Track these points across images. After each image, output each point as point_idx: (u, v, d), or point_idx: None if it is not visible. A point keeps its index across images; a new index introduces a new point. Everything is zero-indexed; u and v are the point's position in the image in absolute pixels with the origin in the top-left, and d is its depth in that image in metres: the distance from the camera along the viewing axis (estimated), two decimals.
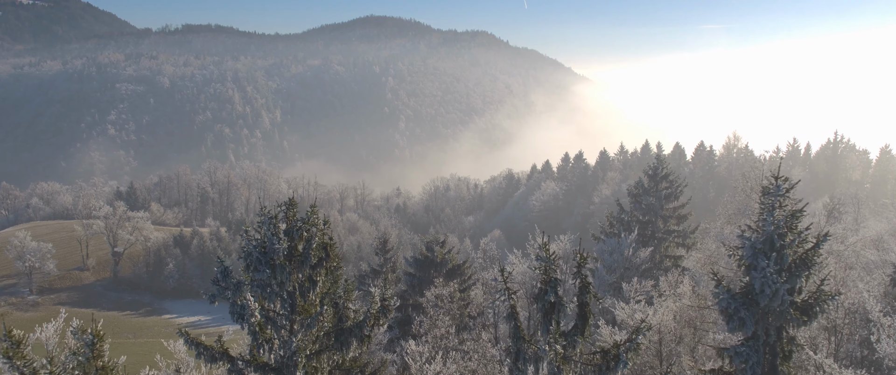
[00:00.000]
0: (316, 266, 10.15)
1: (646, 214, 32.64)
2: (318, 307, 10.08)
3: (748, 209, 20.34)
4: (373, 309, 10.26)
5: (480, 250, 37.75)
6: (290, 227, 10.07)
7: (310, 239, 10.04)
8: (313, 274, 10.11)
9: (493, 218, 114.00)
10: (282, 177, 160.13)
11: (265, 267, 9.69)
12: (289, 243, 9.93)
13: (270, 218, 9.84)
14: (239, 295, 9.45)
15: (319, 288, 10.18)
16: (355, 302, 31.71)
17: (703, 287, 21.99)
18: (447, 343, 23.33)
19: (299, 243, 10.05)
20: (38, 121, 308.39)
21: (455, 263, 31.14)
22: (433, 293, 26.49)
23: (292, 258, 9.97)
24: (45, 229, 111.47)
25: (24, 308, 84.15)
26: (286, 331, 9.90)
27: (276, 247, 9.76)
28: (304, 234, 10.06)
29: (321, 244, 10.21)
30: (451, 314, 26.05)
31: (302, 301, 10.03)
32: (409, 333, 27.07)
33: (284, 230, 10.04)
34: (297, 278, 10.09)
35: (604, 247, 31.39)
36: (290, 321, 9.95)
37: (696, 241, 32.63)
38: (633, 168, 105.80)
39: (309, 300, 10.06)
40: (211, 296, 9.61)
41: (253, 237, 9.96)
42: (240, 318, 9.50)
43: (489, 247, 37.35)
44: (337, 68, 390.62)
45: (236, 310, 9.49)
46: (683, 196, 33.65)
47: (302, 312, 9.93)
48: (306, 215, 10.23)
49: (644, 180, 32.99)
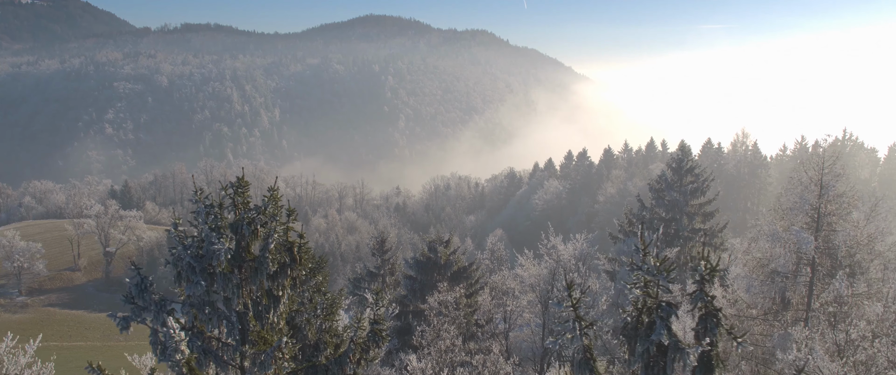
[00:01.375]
0: (277, 275, 7.20)
1: (669, 211, 29.76)
2: (280, 333, 7.18)
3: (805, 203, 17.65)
4: (359, 336, 7.33)
5: (488, 250, 34.78)
6: (238, 220, 7.12)
7: (267, 237, 7.13)
8: (273, 287, 7.18)
9: (495, 218, 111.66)
10: (280, 175, 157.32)
11: (200, 278, 6.78)
12: (237, 242, 7.01)
13: (209, 207, 6.90)
14: (161, 319, 6.56)
15: (283, 306, 7.23)
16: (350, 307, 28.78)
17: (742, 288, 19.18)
18: (453, 358, 20.48)
19: (253, 242, 7.14)
20: (35, 119, 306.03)
21: (461, 265, 28.17)
22: (437, 299, 23.61)
23: (242, 264, 7.03)
24: (37, 228, 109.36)
25: (13, 309, 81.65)
26: (235, 370, 6.95)
27: (216, 248, 6.76)
28: (260, 230, 7.15)
29: (283, 243, 7.27)
30: (456, 322, 23.21)
31: (257, 325, 7.11)
32: (409, 344, 24.20)
33: (231, 223, 7.15)
34: (249, 293, 7.18)
35: (623, 248, 28.56)
36: (240, 354, 7.02)
37: (723, 241, 29.82)
38: (638, 166, 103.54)
39: (267, 323, 7.14)
40: (121, 322, 6.67)
41: (185, 234, 7.01)
42: (162, 353, 6.57)
43: (497, 247, 34.42)
44: (336, 67, 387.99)
45: (157, 342, 6.54)
46: (710, 191, 30.80)
47: (257, 342, 7.00)
48: (264, 202, 7.30)
49: (668, 174, 30.08)
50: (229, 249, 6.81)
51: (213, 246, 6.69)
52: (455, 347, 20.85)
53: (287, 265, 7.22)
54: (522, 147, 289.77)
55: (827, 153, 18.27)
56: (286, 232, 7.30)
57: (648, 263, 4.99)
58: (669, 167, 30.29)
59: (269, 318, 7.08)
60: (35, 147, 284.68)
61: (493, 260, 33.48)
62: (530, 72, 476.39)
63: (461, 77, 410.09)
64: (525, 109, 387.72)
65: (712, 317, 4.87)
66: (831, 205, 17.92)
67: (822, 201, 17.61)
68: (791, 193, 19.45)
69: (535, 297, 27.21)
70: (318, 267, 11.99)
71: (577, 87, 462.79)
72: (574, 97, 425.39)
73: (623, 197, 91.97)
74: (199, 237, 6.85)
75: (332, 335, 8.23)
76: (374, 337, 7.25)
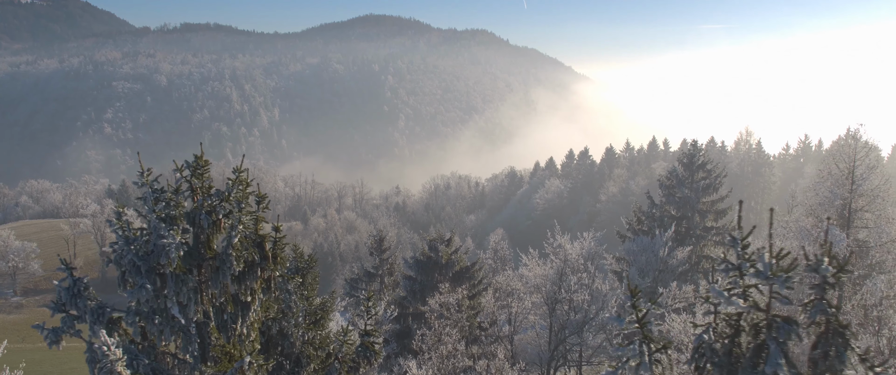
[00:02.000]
0: (244, 276, 5.88)
1: (680, 209, 28.48)
2: (250, 347, 5.87)
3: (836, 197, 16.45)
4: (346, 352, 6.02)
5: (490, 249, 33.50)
6: (195, 209, 5.83)
7: (232, 229, 5.82)
8: (240, 291, 5.89)
9: (496, 217, 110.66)
10: (278, 174, 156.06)
11: (146, 280, 5.46)
12: (195, 236, 5.70)
13: (159, 191, 5.61)
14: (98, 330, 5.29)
15: (253, 314, 5.93)
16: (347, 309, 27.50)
17: None
18: (456, 364, 19.26)
19: (214, 236, 5.84)
20: (34, 119, 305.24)
21: (463, 265, 26.88)
22: (438, 301, 22.38)
23: (202, 262, 5.75)
24: (33, 228, 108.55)
25: (8, 310, 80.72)
26: None
27: (166, 243, 5.42)
28: (223, 221, 5.85)
29: (252, 237, 5.94)
30: (458, 325, 21.97)
31: (220, 337, 5.80)
32: (408, 348, 22.97)
33: (187, 212, 5.86)
34: (210, 298, 5.87)
35: (633, 247, 27.27)
36: (198, 374, 5.73)
37: None
38: (640, 165, 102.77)
39: (234, 335, 5.84)
40: (50, 335, 5.38)
41: (129, 225, 5.68)
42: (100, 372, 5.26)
43: (500, 246, 33.14)
44: (336, 66, 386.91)
45: (94, 360, 5.20)
46: (723, 187, 29.52)
47: (220, 358, 5.69)
48: (228, 187, 6.00)
49: (679, 169, 28.78)
50: (183, 244, 5.51)
51: (162, 241, 5.40)
52: (457, 352, 19.63)
53: (256, 264, 5.91)
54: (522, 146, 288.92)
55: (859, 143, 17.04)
56: (256, 223, 6.01)
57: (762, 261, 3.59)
58: (680, 162, 29.02)
59: (235, 329, 5.80)
60: (34, 146, 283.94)
61: (496, 259, 32.22)
62: (530, 72, 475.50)
63: (461, 76, 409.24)
64: (525, 109, 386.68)
65: (838, 337, 3.53)
66: (862, 200, 16.70)
67: (853, 195, 16.43)
68: (821, 187, 18.19)
69: (540, 298, 25.96)
70: (307, 267, 10.73)
71: (577, 87, 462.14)
72: (574, 97, 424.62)
73: (625, 197, 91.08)
74: (150, 229, 5.59)
75: (317, 346, 6.93)
76: (365, 352, 5.96)
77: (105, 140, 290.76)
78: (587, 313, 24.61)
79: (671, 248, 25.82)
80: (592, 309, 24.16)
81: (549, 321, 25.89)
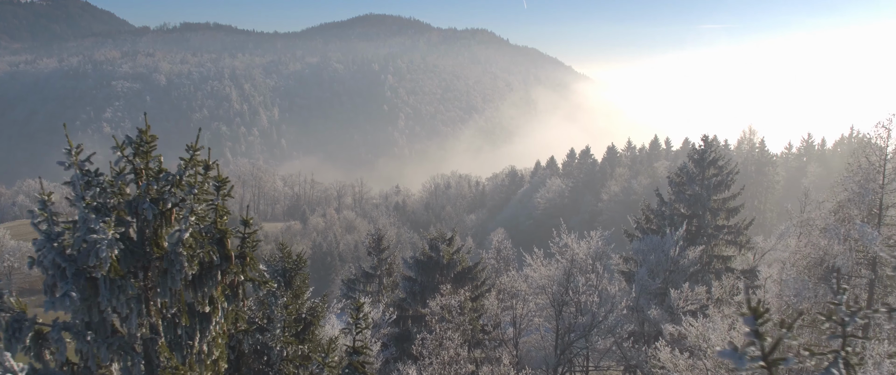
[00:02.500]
0: (200, 281, 4.72)
1: (690, 207, 27.40)
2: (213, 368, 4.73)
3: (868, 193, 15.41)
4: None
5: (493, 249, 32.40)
6: (140, 195, 4.66)
7: (183, 221, 4.64)
8: (197, 300, 4.77)
9: (496, 217, 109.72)
10: (278, 174, 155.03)
11: (71, 286, 4.33)
12: (139, 230, 4.54)
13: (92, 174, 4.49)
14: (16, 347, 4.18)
15: (215, 328, 4.78)
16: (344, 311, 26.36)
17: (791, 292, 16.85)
18: (458, 370, 18.20)
19: (162, 231, 4.69)
20: (33, 118, 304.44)
21: (465, 265, 25.78)
22: (439, 302, 21.31)
23: (148, 265, 4.60)
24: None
25: None
26: None
27: (97, 239, 4.23)
28: (175, 211, 4.71)
29: (210, 231, 4.76)
30: (461, 328, 20.92)
31: (172, 357, 4.64)
32: (408, 353, 21.89)
33: (128, 200, 4.71)
34: (159, 309, 4.72)
35: (642, 246, 26.19)
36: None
37: (749, 239, 27.47)
38: (642, 164, 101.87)
39: (191, 354, 4.69)
40: None
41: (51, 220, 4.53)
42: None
43: (503, 246, 32.05)
44: (336, 66, 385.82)
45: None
46: (735, 185, 28.43)
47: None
48: (180, 170, 4.84)
49: (689, 166, 27.69)
50: (118, 240, 4.39)
51: (92, 236, 4.27)
52: (460, 357, 18.57)
53: (216, 265, 4.76)
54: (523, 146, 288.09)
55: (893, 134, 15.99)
56: (216, 214, 4.86)
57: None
58: (691, 159, 27.91)
59: (193, 346, 4.68)
60: (33, 146, 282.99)
61: (499, 259, 31.13)
62: (530, 71, 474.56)
63: (461, 76, 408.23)
64: (525, 108, 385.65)
65: None
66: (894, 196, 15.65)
67: (885, 190, 15.38)
68: (850, 181, 17.12)
69: (546, 300, 24.88)
70: (294, 268, 9.63)
71: (577, 86, 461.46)
72: (574, 96, 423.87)
73: (628, 196, 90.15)
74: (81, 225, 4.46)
75: (297, 364, 5.82)
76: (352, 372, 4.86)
77: (104, 139, 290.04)
78: (595, 315, 23.54)
79: (682, 248, 24.74)
80: (601, 311, 23.08)
81: (555, 323, 24.82)
